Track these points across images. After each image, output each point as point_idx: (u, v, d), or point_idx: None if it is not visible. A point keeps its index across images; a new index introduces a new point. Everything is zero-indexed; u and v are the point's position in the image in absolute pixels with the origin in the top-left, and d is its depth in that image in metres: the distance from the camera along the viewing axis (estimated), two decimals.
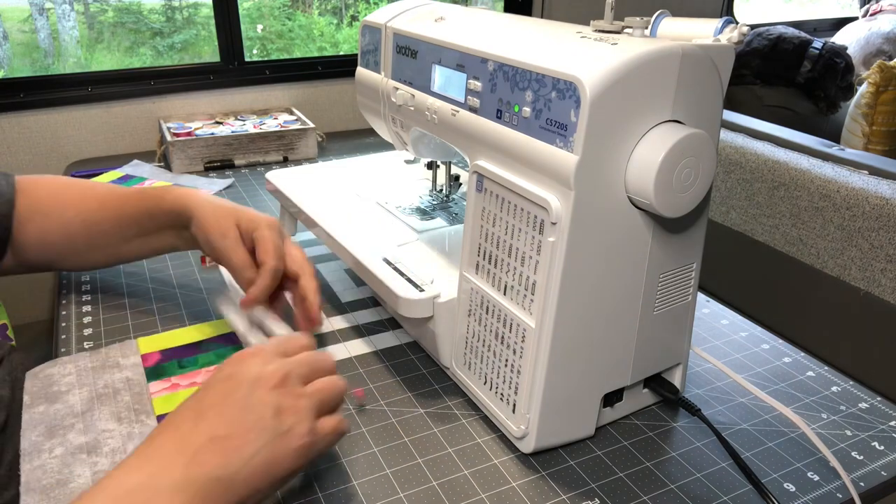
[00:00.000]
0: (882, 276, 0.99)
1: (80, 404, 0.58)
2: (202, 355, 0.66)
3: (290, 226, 0.88)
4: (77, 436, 0.55)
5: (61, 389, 0.60)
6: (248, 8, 2.29)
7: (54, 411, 0.57)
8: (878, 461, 0.56)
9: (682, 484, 0.53)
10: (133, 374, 0.63)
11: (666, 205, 0.47)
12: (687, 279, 0.57)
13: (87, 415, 0.57)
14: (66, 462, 0.52)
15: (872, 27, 2.10)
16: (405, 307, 0.59)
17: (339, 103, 1.54)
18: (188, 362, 0.65)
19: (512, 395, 0.54)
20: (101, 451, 0.53)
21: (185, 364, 0.65)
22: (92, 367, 0.63)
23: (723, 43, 0.50)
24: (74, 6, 2.04)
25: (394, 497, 0.51)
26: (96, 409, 0.58)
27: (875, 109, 1.58)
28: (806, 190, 1.09)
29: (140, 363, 0.65)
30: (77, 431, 0.55)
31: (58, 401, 0.59)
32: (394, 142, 0.78)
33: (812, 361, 0.69)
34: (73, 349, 0.67)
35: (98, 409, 0.58)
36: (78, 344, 0.68)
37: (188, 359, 0.66)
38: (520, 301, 0.52)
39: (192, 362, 0.65)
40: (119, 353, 0.66)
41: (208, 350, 0.67)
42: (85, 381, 0.61)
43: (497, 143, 0.53)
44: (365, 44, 0.75)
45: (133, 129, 1.38)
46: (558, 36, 0.52)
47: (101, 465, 0.52)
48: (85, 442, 0.54)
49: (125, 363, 0.64)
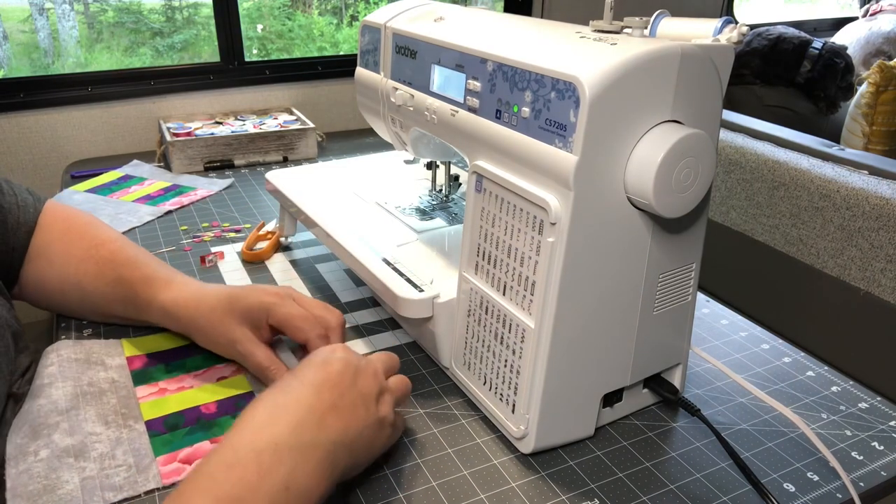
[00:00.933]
0: (882, 276, 0.99)
1: (63, 400, 0.57)
2: (190, 359, 0.65)
3: (290, 226, 0.88)
4: (63, 437, 0.53)
5: (43, 381, 0.59)
6: (248, 8, 2.29)
7: (38, 408, 0.56)
8: (878, 461, 0.56)
9: (681, 484, 0.53)
10: (118, 377, 0.62)
11: (665, 205, 0.47)
12: (686, 279, 0.57)
13: (71, 413, 0.56)
14: (53, 466, 0.51)
15: (872, 27, 2.10)
16: (405, 307, 0.59)
17: (338, 103, 1.54)
18: (176, 366, 0.64)
19: (511, 395, 0.54)
20: (90, 456, 0.52)
21: (173, 368, 0.64)
22: (75, 358, 0.62)
23: (722, 43, 0.50)
24: (74, 6, 2.04)
25: (393, 497, 0.51)
26: (81, 407, 0.57)
27: (875, 109, 1.58)
28: (806, 190, 1.09)
29: (125, 365, 0.63)
30: (62, 432, 0.54)
31: (41, 395, 0.57)
32: (393, 142, 0.78)
33: (812, 361, 0.69)
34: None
35: (84, 408, 0.57)
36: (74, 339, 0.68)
37: (175, 363, 0.65)
38: (519, 301, 0.52)
39: (180, 366, 0.64)
40: (103, 350, 0.65)
41: (194, 354, 0.66)
42: (68, 374, 0.60)
43: (496, 144, 0.53)
44: (364, 44, 0.75)
45: (133, 129, 1.38)
46: (557, 36, 0.52)
47: (90, 471, 0.51)
48: (71, 444, 0.53)
49: (110, 363, 0.63)
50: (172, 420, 0.57)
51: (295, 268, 0.84)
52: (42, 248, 0.67)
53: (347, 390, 0.48)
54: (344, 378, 0.48)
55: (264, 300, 0.60)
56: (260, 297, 0.61)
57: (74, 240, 0.68)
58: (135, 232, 0.94)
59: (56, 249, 0.67)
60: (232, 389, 0.61)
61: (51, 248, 0.67)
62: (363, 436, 0.48)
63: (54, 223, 0.69)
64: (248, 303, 0.60)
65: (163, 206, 1.02)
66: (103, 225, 0.71)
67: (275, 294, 0.61)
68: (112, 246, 0.68)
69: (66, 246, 0.67)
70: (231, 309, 0.60)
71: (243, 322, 0.60)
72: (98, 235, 0.69)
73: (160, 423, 0.57)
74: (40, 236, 0.68)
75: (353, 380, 0.49)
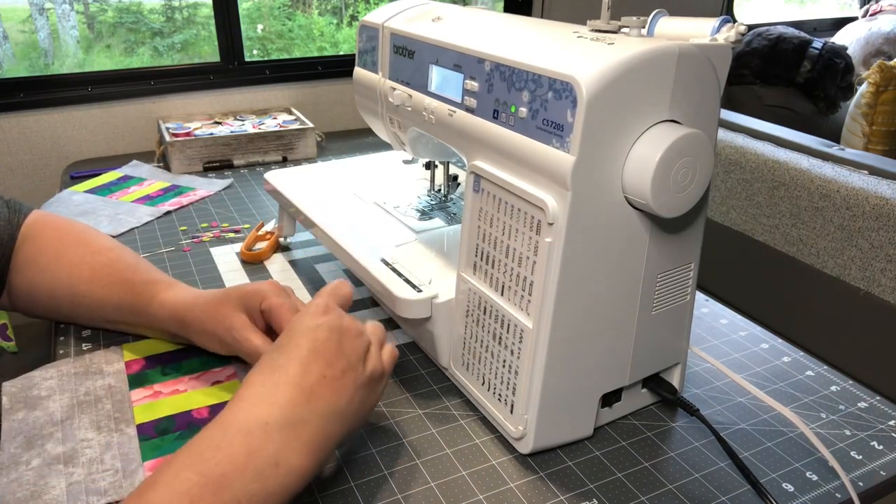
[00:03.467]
0: (882, 275, 0.99)
1: (59, 412, 0.57)
2: (185, 362, 0.65)
3: (289, 226, 0.88)
4: (55, 445, 0.54)
5: (41, 394, 0.59)
6: (248, 8, 2.29)
7: (34, 419, 0.56)
8: (877, 461, 0.56)
9: (680, 484, 0.53)
10: (115, 382, 0.62)
11: (663, 205, 0.47)
12: (685, 279, 0.57)
13: (66, 423, 0.56)
14: (42, 473, 0.51)
15: (872, 27, 2.10)
16: (403, 308, 0.59)
17: (338, 103, 1.54)
18: (171, 369, 0.64)
19: (510, 395, 0.54)
20: (78, 462, 0.52)
21: (169, 371, 0.64)
22: (75, 372, 0.63)
23: (720, 42, 0.50)
24: (74, 6, 2.04)
25: (392, 498, 0.51)
26: (76, 416, 0.57)
27: (875, 109, 1.58)
28: (806, 190, 1.09)
29: (123, 370, 0.63)
30: (55, 441, 0.54)
31: (37, 407, 0.58)
32: (392, 142, 0.78)
33: (811, 361, 0.69)
34: (71, 350, 0.67)
35: (78, 416, 0.57)
36: (76, 345, 0.68)
37: (171, 365, 0.65)
38: (517, 301, 0.52)
39: (176, 369, 0.64)
40: (103, 359, 0.65)
41: (191, 357, 0.66)
42: (66, 387, 0.60)
43: (494, 144, 0.53)
44: (362, 44, 0.75)
45: (132, 129, 1.38)
46: (555, 36, 0.52)
47: (77, 476, 0.51)
48: (62, 452, 0.53)
49: (108, 370, 0.63)
50: (163, 424, 0.57)
51: (294, 268, 0.84)
52: (33, 257, 0.67)
53: (335, 358, 0.48)
54: (330, 345, 0.48)
55: (261, 286, 0.61)
56: (258, 284, 0.61)
57: (68, 246, 0.67)
58: (134, 232, 0.94)
59: (48, 257, 0.67)
60: (226, 394, 0.61)
61: (42, 256, 0.67)
62: (356, 399, 0.48)
63: (44, 232, 0.68)
64: (245, 289, 0.61)
65: (162, 206, 1.02)
66: (100, 234, 0.71)
67: (273, 284, 0.61)
68: (111, 254, 0.68)
69: (59, 253, 0.67)
70: (227, 298, 0.60)
71: (240, 308, 0.60)
72: (94, 243, 0.69)
73: (151, 428, 0.57)
74: (30, 246, 0.67)
75: (339, 346, 0.48)
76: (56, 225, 0.69)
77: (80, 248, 0.67)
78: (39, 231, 0.68)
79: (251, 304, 0.60)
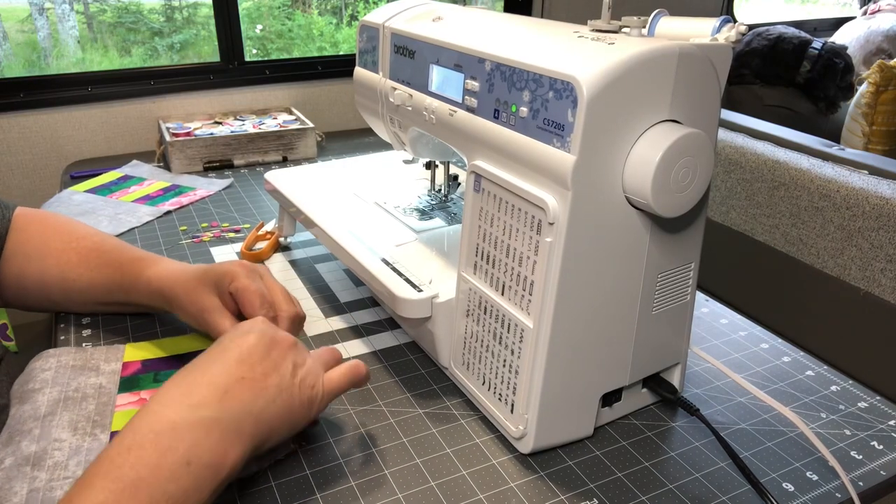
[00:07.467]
0: (882, 275, 0.99)
1: (45, 406, 0.57)
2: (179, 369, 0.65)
3: (290, 226, 0.88)
4: (30, 444, 0.53)
5: (35, 387, 0.59)
6: (248, 8, 2.29)
7: (21, 413, 0.56)
8: (878, 461, 0.56)
9: (680, 484, 0.53)
10: (107, 382, 0.61)
11: (663, 205, 0.47)
12: (685, 279, 0.57)
13: (47, 419, 0.55)
14: (10, 476, 0.50)
15: (872, 25, 2.10)
16: (404, 307, 0.59)
17: (338, 103, 1.54)
18: (163, 376, 0.63)
19: (510, 395, 0.54)
20: (44, 465, 0.51)
21: (161, 378, 0.63)
22: (73, 365, 0.62)
23: (720, 42, 0.50)
24: (74, 6, 2.04)
25: (392, 497, 0.51)
26: (58, 413, 0.56)
27: (875, 109, 1.58)
28: (806, 190, 1.09)
29: (118, 371, 0.63)
30: (31, 439, 0.53)
31: (27, 401, 0.57)
32: (392, 142, 0.78)
33: (811, 361, 0.69)
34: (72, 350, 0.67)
35: (60, 413, 0.56)
36: (76, 345, 0.68)
37: (164, 372, 0.64)
38: (517, 301, 0.52)
39: (167, 376, 0.63)
40: (103, 356, 0.64)
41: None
42: (59, 380, 0.60)
43: (494, 144, 0.53)
44: (363, 44, 0.75)
45: (132, 129, 1.38)
46: (555, 36, 0.52)
47: (38, 482, 0.50)
48: (34, 451, 0.52)
49: (105, 368, 0.63)
50: None
51: (294, 268, 0.84)
52: (18, 247, 0.68)
53: (259, 362, 0.48)
54: (257, 349, 0.49)
55: (232, 268, 0.61)
56: (231, 265, 0.61)
57: (52, 235, 0.69)
58: (134, 232, 0.94)
59: (34, 245, 0.68)
60: None
61: (27, 245, 0.68)
62: (275, 404, 0.47)
63: (29, 225, 0.70)
64: (218, 270, 0.61)
65: (162, 206, 1.02)
66: (82, 223, 0.72)
67: (244, 266, 0.61)
68: (95, 238, 0.70)
69: (44, 241, 0.69)
70: (205, 277, 0.61)
71: (214, 291, 0.61)
72: (78, 230, 0.70)
73: None
74: (15, 237, 0.69)
75: (267, 351, 0.49)
76: (39, 217, 0.71)
77: (64, 236, 0.69)
78: (23, 224, 0.70)
79: (222, 286, 0.60)
